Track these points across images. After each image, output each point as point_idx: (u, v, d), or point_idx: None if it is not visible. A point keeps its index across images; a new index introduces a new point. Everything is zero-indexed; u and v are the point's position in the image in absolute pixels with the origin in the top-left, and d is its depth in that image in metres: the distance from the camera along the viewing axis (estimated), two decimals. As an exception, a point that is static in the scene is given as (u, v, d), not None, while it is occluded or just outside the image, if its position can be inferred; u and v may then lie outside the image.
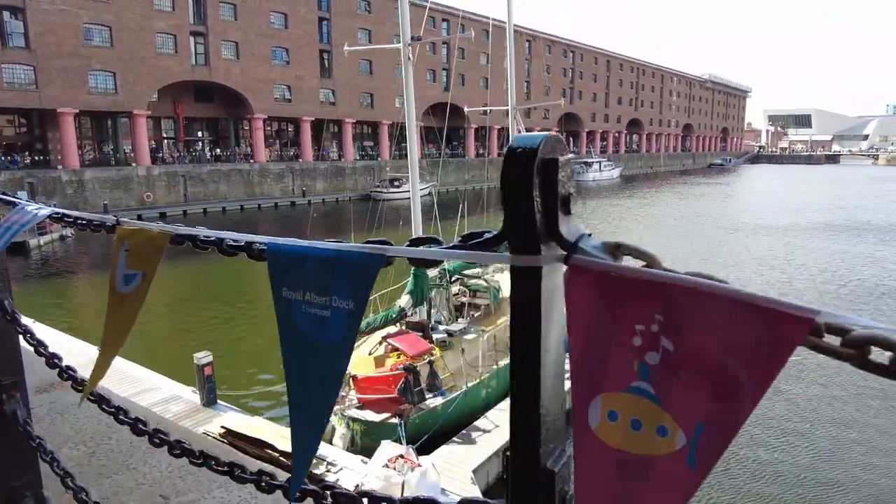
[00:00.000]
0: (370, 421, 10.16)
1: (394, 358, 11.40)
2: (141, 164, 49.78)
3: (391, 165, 67.03)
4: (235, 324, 19.53)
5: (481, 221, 27.85)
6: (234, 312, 20.60)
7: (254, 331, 18.79)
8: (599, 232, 37.53)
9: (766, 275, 26.83)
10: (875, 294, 23.22)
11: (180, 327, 19.09)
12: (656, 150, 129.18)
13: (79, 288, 25.47)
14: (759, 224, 43.95)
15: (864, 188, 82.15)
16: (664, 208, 54.48)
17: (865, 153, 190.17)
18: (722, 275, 0.69)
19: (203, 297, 23.17)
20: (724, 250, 33.24)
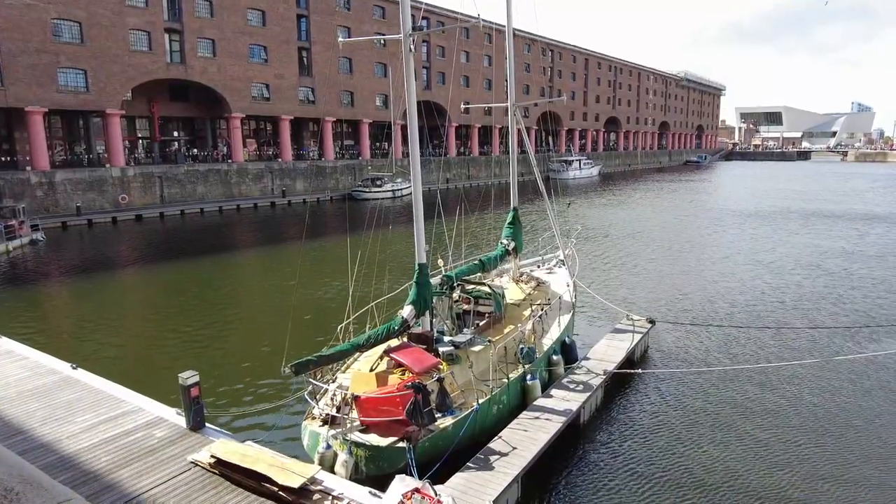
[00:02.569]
0: (375, 445, 9.25)
1: (397, 375, 10.51)
2: (115, 164, 47.95)
3: (372, 164, 65.92)
4: (219, 337, 18.44)
5: (470, 221, 27.11)
6: (215, 327, 19.48)
7: (238, 344, 17.72)
8: (592, 225, 37.22)
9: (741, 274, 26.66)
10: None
11: (161, 343, 17.93)
12: (634, 148, 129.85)
13: (50, 296, 24.04)
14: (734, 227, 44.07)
15: (833, 183, 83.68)
16: (643, 206, 54.46)
17: (835, 150, 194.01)
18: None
19: (182, 310, 21.97)
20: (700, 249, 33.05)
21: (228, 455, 8.67)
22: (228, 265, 30.31)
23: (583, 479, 10.37)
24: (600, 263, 28.57)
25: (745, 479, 10.31)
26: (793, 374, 15.10)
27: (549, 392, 12.13)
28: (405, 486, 7.36)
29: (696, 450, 11.34)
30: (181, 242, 36.98)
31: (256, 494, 8.08)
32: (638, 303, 21.32)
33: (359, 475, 9.10)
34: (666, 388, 14.14)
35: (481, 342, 12.10)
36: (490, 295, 13.96)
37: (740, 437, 11.83)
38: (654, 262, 28.86)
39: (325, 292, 23.12)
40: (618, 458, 11.03)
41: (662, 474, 10.47)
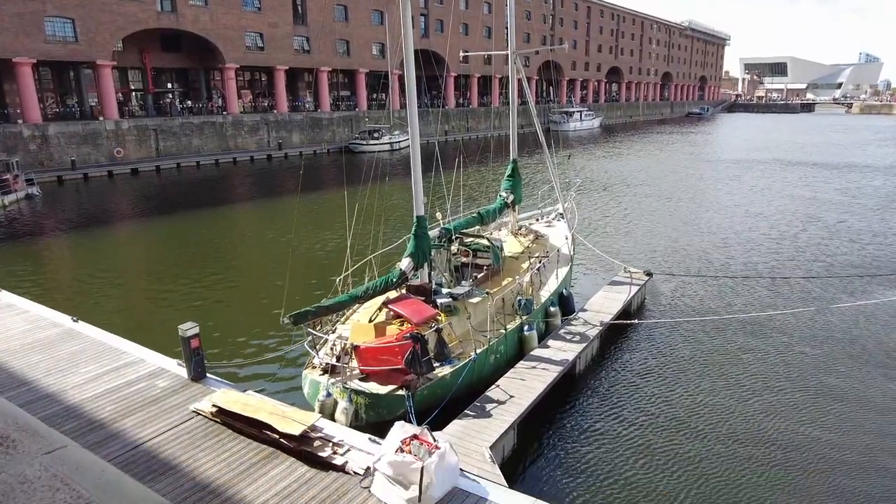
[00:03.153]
0: (375, 394, 9.40)
1: (396, 325, 10.59)
2: (108, 117, 47.14)
3: (369, 116, 64.89)
4: (218, 289, 18.52)
5: (468, 174, 26.87)
6: (214, 280, 19.54)
7: (237, 297, 17.82)
8: (594, 178, 36.96)
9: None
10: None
11: (160, 295, 18.01)
12: (636, 100, 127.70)
13: (48, 251, 24.02)
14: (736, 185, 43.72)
15: (835, 136, 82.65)
16: (644, 158, 53.93)
17: (839, 102, 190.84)
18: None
19: (181, 263, 22.00)
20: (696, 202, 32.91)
21: (229, 404, 8.79)
22: (226, 218, 30.19)
23: (577, 425, 10.59)
24: (599, 216, 28.48)
25: (732, 425, 10.54)
26: (784, 323, 15.27)
27: (546, 342, 12.26)
28: (404, 433, 7.48)
29: (686, 397, 11.56)
30: (178, 196, 36.73)
31: (258, 442, 8.24)
32: (636, 255, 21.36)
33: (358, 422, 9.27)
34: (661, 338, 14.31)
35: (479, 294, 12.15)
36: (488, 248, 13.93)
37: (729, 385, 12.05)
38: (652, 215, 28.77)
39: (322, 245, 23.10)
40: (611, 405, 11.25)
41: (653, 420, 10.70)
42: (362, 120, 64.04)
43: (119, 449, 8.09)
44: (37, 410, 9.04)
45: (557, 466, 9.43)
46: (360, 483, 7.32)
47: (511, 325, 11.81)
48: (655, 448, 9.87)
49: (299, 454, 7.88)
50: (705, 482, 9.02)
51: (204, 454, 7.99)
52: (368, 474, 7.36)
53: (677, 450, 9.82)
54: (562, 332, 12.83)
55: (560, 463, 9.51)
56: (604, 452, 9.76)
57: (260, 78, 64.10)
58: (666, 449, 9.85)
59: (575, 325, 13.20)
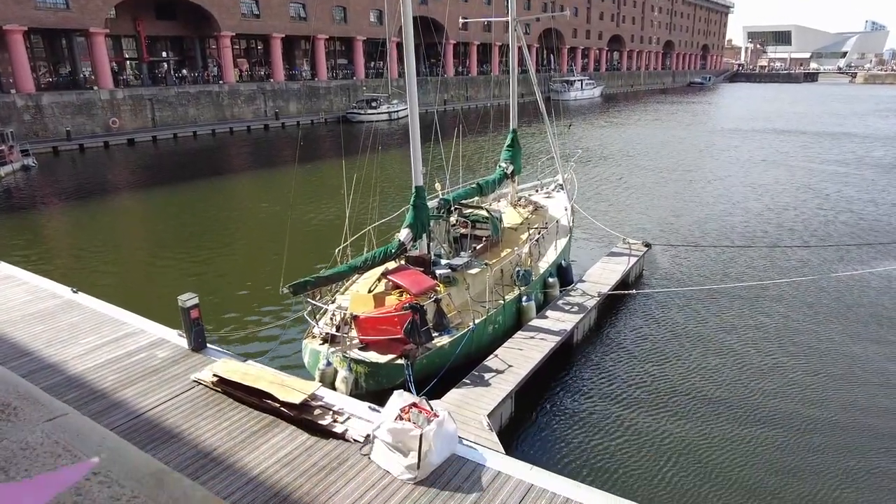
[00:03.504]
0: (374, 362, 9.50)
1: (395, 296, 10.64)
2: (103, 87, 46.49)
3: (367, 85, 64.06)
4: (217, 260, 18.54)
5: (468, 144, 26.67)
6: (212, 251, 19.54)
7: (235, 268, 17.85)
8: (594, 150, 36.72)
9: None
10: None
11: (159, 266, 18.03)
12: (637, 69, 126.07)
13: (46, 222, 23.96)
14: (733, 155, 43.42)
15: (837, 106, 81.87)
16: (644, 128, 53.50)
17: (843, 72, 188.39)
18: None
19: (179, 234, 21.97)
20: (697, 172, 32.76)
21: (230, 374, 8.88)
22: (224, 189, 30.06)
23: (573, 394, 10.73)
24: (599, 187, 28.38)
25: (726, 394, 10.69)
26: (781, 293, 15.36)
27: (544, 313, 12.34)
28: (403, 401, 7.58)
29: (681, 366, 11.69)
30: (175, 167, 36.50)
31: (258, 411, 8.34)
32: (635, 227, 21.35)
33: (358, 391, 9.39)
34: (658, 308, 14.40)
35: (478, 265, 12.18)
36: (487, 219, 13.92)
37: (724, 354, 12.18)
38: (652, 186, 28.68)
39: (321, 216, 23.06)
40: (608, 374, 11.38)
41: (648, 389, 10.84)
42: (360, 89, 63.24)
43: (121, 418, 8.20)
44: (38, 380, 9.13)
45: (554, 434, 9.58)
46: (360, 450, 7.44)
47: (509, 296, 11.86)
48: (650, 416, 10.02)
49: (300, 422, 7.99)
50: (698, 450, 9.19)
51: (205, 423, 8.09)
52: (368, 442, 7.48)
53: (671, 418, 9.97)
54: (560, 303, 12.89)
55: (556, 431, 9.66)
56: (599, 421, 9.91)
57: (256, 46, 63.09)
58: (660, 417, 10.00)
59: (573, 296, 13.26)
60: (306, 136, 48.76)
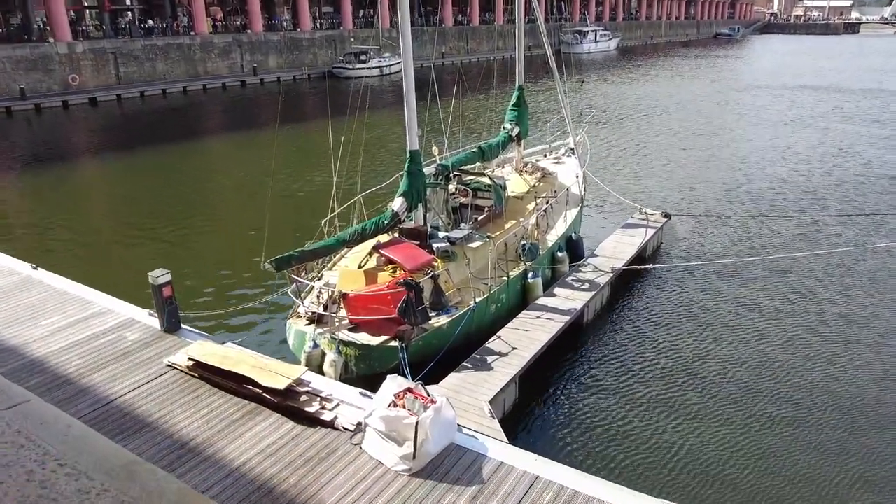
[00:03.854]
0: (366, 344, 9.58)
1: (388, 272, 10.68)
2: (60, 39, 45.80)
3: (356, 36, 63.21)
4: (190, 233, 18.53)
5: (468, 103, 26.47)
6: (186, 222, 19.51)
7: (211, 241, 17.84)
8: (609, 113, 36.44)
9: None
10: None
11: (127, 239, 18.02)
12: (657, 18, 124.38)
13: (0, 192, 23.82)
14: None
15: (879, 62, 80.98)
16: (664, 85, 53.06)
17: (889, 22, 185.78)
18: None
19: (148, 204, 21.90)
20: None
21: (207, 357, 8.94)
22: (197, 153, 29.89)
23: (583, 379, 10.85)
24: (613, 151, 28.27)
25: (749, 378, 10.81)
26: (812, 266, 15.43)
27: (552, 290, 12.41)
28: (397, 387, 7.66)
29: (701, 348, 11.81)
30: (143, 128, 36.22)
31: (239, 397, 8.42)
32: (653, 195, 21.33)
33: (348, 375, 9.47)
34: (677, 284, 14.48)
35: (479, 238, 12.19)
36: (490, 186, 13.88)
37: (748, 334, 12.29)
38: (672, 150, 28.57)
39: (305, 184, 22.98)
40: (621, 357, 11.50)
41: (665, 374, 10.96)
42: (347, 41, 62.35)
43: (89, 406, 8.28)
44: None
45: (561, 422, 9.71)
46: (351, 439, 7.54)
47: (514, 272, 11.90)
48: (666, 403, 10.15)
49: (284, 410, 8.09)
50: (718, 441, 9.33)
51: (181, 410, 8.18)
52: (359, 430, 7.58)
53: (690, 405, 10.10)
54: (569, 280, 12.95)
55: (564, 419, 9.80)
56: (611, 407, 10.04)
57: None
58: (678, 404, 10.12)
59: (584, 272, 13.31)
60: (288, 94, 48.27)
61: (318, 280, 11.08)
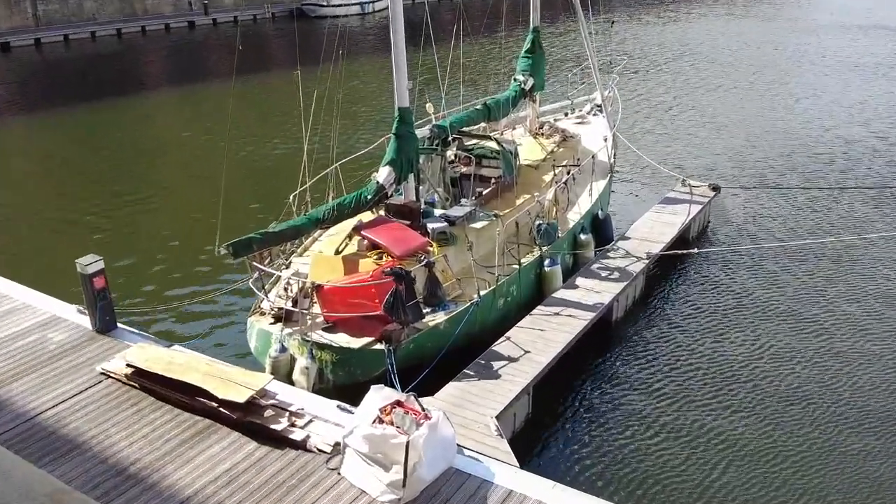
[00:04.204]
0: (345, 348, 9.61)
1: (372, 258, 10.68)
2: (-39, -33, 45.45)
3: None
4: (128, 211, 18.48)
5: (471, 48, 26.35)
6: (122, 198, 19.44)
7: (155, 220, 17.80)
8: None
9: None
10: None
11: (49, 220, 17.98)
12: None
13: None
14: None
15: None
16: (712, 25, 52.84)
17: None
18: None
19: (76, 175, 21.87)
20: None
21: (150, 363, 8.97)
22: (135, 112, 29.73)
23: (611, 390, 10.90)
24: (650, 108, 28.20)
25: (816, 389, 10.82)
26: (890, 249, 15.42)
27: (574, 281, 12.42)
28: (384, 399, 7.68)
29: (756, 353, 11.82)
30: (67, 81, 35.99)
31: (189, 412, 8.46)
32: (698, 163, 21.32)
33: (324, 385, 9.52)
34: (728, 273, 14.50)
35: (485, 216, 12.18)
36: (497, 153, 13.84)
37: (813, 334, 12.29)
38: (721, 106, 28.49)
39: (269, 149, 22.90)
40: (658, 364, 11.54)
41: (714, 387, 10.98)
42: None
43: (6, 423, 8.31)
44: None
45: (583, 442, 9.77)
46: (327, 463, 7.59)
47: (527, 259, 11.89)
48: (712, 420, 10.20)
49: (245, 428, 8.12)
50: (783, 477, 9.34)
51: (118, 429, 8.22)
52: (337, 452, 7.62)
53: (742, 421, 10.14)
54: (595, 268, 12.95)
55: (587, 438, 9.85)
56: (645, 425, 10.09)
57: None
58: (727, 421, 10.16)
59: (613, 258, 13.31)
60: (247, 38, 47.95)
61: (285, 269, 11.06)
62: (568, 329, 10.87)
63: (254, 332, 10.31)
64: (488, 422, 8.80)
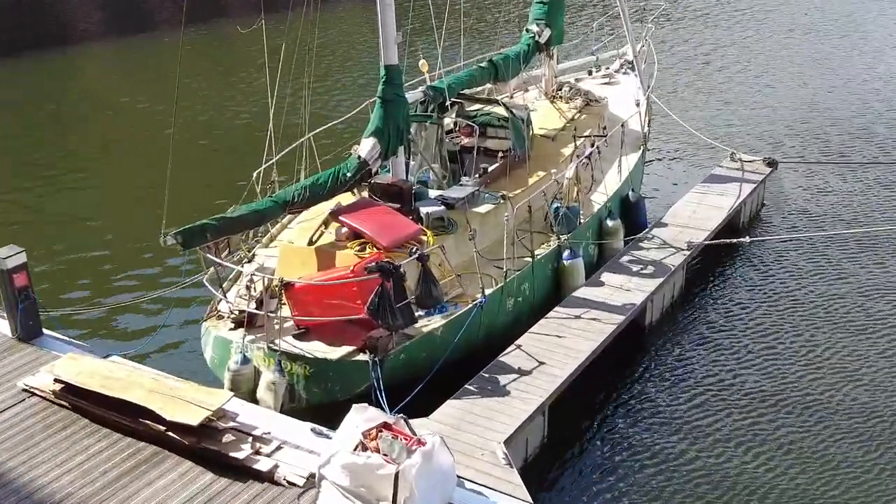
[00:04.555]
0: (321, 359, 9.63)
1: (353, 250, 10.70)
2: None
3: None
4: (54, 194, 18.45)
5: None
6: (46, 177, 19.41)
7: (86, 204, 17.79)
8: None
9: None
10: None
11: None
12: None
13: None
14: None
15: None
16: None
17: None
18: None
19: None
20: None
21: (83, 378, 8.99)
22: (58, 70, 29.60)
23: (643, 409, 10.93)
24: (692, 66, 28.15)
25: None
26: None
27: (599, 277, 12.46)
28: (368, 421, 7.71)
29: (824, 362, 11.82)
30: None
31: (132, 437, 8.50)
32: (750, 133, 21.30)
33: (295, 404, 9.58)
34: (788, 267, 14.53)
35: (491, 199, 12.22)
36: (506, 121, 13.86)
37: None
38: (778, 64, 28.39)
39: (226, 116, 22.88)
40: (700, 377, 11.57)
41: (765, 402, 10.98)
42: None
43: None
44: None
45: (607, 474, 9.78)
46: (299, 498, 7.64)
47: (542, 250, 11.93)
48: (767, 446, 10.20)
49: (200, 456, 8.16)
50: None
51: (45, 456, 8.25)
52: (311, 485, 7.67)
53: (809, 450, 10.13)
54: (624, 261, 12.99)
55: (612, 469, 9.86)
56: (685, 452, 10.09)
57: None
58: (788, 450, 10.15)
59: (647, 249, 13.35)
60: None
61: (247, 262, 11.09)
62: (591, 336, 10.91)
63: (210, 339, 10.34)
64: (495, 448, 8.83)
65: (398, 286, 9.76)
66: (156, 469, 8.11)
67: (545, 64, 16.90)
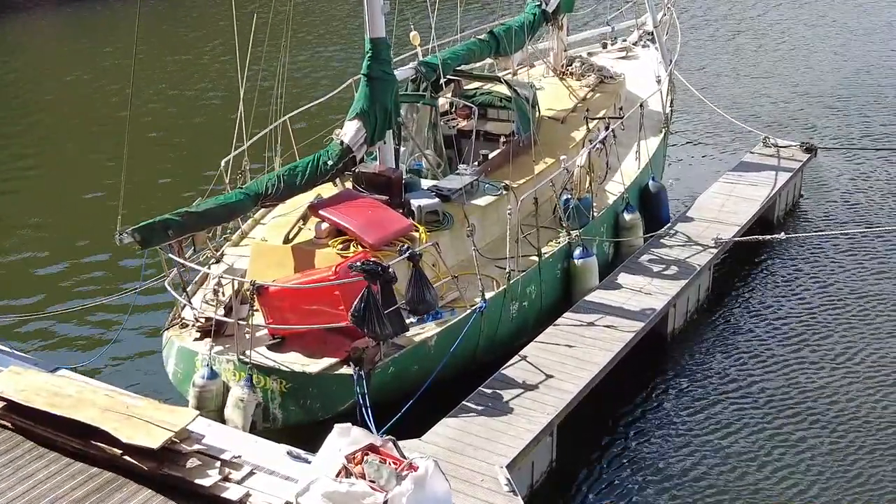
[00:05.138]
0: (299, 373, 9.64)
1: (335, 249, 10.72)
2: None
3: None
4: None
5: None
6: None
7: (33, 196, 17.82)
8: None
9: None
10: None
11: None
12: None
13: None
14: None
15: None
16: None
17: None
18: None
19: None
20: None
21: (28, 395, 8.99)
22: (3, 43, 29.63)
23: (665, 428, 10.94)
24: (720, 39, 28.21)
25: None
26: None
27: (615, 278, 12.48)
28: (352, 443, 7.73)
29: (876, 377, 11.86)
30: None
31: (83, 462, 8.48)
32: (785, 115, 21.34)
33: (269, 424, 9.59)
34: (829, 266, 14.58)
35: (492, 189, 12.25)
36: (509, 100, 13.90)
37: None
38: (817, 36, 28.46)
39: (190, 97, 22.88)
40: (731, 391, 11.59)
41: (812, 420, 11.01)
42: None
43: None
44: None
45: (624, 502, 9.82)
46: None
47: (550, 248, 11.96)
48: (811, 473, 10.23)
49: (161, 482, 8.15)
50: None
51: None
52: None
53: (856, 476, 10.20)
54: (644, 260, 13.02)
55: (629, 496, 9.88)
56: (708, 480, 10.09)
57: None
58: (833, 475, 10.22)
59: (669, 247, 13.38)
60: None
61: (214, 263, 11.10)
62: (606, 346, 10.92)
63: (172, 351, 10.34)
64: (497, 473, 8.85)
65: (386, 290, 9.76)
66: (111, 498, 8.08)
67: (553, 36, 16.91)
